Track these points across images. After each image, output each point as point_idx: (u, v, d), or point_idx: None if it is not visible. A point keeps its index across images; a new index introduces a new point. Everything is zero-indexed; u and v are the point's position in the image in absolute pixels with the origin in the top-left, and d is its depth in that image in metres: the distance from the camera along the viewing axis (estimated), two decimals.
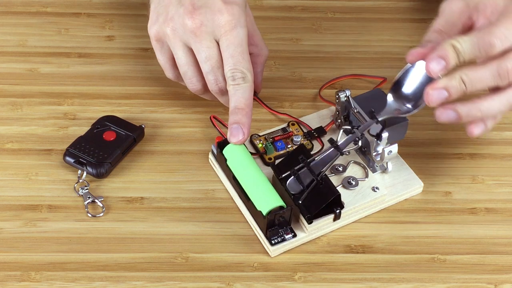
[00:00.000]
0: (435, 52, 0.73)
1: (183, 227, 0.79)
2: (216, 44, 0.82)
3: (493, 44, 0.72)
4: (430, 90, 0.74)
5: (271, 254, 0.77)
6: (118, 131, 0.85)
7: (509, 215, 0.82)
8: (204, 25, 0.81)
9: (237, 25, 0.81)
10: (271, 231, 0.77)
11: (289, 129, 0.86)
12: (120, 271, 0.76)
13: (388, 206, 0.82)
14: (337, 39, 0.99)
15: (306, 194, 0.77)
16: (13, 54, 0.94)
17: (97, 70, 0.93)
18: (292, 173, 0.78)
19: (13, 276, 0.75)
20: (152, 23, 0.84)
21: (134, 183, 0.83)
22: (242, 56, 0.81)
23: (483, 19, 0.78)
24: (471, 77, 0.73)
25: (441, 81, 0.73)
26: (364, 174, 0.82)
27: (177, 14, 0.82)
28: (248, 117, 0.81)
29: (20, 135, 0.86)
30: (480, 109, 0.74)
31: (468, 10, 0.78)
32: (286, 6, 1.03)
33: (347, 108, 0.84)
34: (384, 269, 0.77)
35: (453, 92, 0.73)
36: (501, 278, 0.77)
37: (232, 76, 0.81)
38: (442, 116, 0.75)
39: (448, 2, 0.79)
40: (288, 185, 0.78)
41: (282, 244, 0.77)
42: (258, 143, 0.85)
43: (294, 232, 0.77)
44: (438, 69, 0.73)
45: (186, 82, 0.85)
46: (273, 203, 0.76)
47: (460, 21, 0.78)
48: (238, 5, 0.81)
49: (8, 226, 0.79)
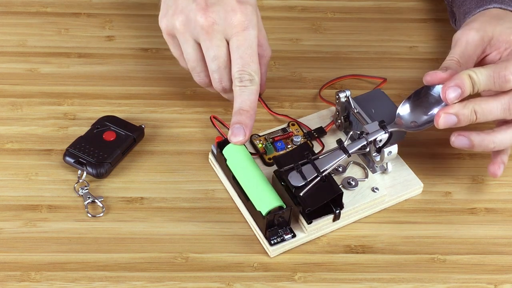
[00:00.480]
0: (453, 80, 0.76)
1: (183, 227, 0.79)
2: (226, 43, 0.82)
3: (509, 80, 0.76)
4: (442, 113, 0.76)
5: (270, 254, 0.77)
6: (118, 131, 0.85)
7: (509, 215, 0.82)
8: (217, 24, 0.81)
9: (249, 26, 0.81)
10: (270, 231, 0.77)
11: (289, 129, 0.86)
12: (120, 271, 0.76)
13: (388, 206, 0.82)
14: (337, 39, 0.99)
15: (308, 188, 0.76)
16: (13, 54, 0.94)
17: (97, 70, 0.93)
18: (295, 167, 0.78)
19: (13, 276, 0.75)
20: (162, 15, 0.84)
21: (134, 183, 0.83)
22: (252, 58, 0.81)
23: (496, 53, 0.81)
24: (483, 108, 0.76)
25: (454, 107, 0.76)
26: (364, 174, 0.82)
27: (188, 8, 0.82)
28: (252, 119, 0.81)
29: (20, 135, 0.86)
30: (493, 141, 0.78)
31: (482, 43, 0.81)
32: (286, 6, 1.03)
33: (347, 109, 0.84)
34: (384, 269, 0.77)
35: (463, 120, 0.77)
36: (501, 278, 0.77)
37: (239, 77, 0.81)
38: (456, 141, 0.78)
39: (463, 33, 0.82)
40: (289, 178, 0.77)
41: (281, 244, 0.77)
42: (258, 143, 0.85)
43: (293, 232, 0.77)
44: (454, 96, 0.76)
45: (193, 75, 0.86)
46: (273, 203, 0.76)
47: (475, 54, 0.81)
48: (251, 5, 0.81)
49: (8, 226, 0.79)
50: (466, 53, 0.81)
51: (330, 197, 0.77)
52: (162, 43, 0.96)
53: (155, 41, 0.97)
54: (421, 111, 0.81)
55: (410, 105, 0.81)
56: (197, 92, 0.92)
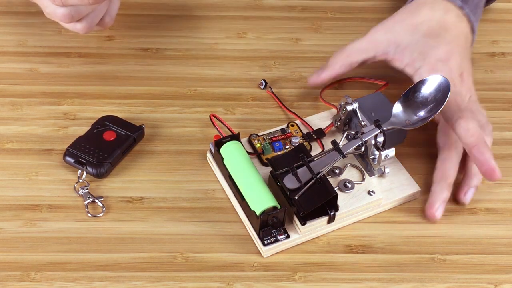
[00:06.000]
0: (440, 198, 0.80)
1: (183, 227, 0.79)
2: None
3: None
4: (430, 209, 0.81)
5: (263, 255, 0.77)
6: (118, 131, 0.85)
7: (509, 215, 0.82)
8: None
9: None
10: (264, 231, 0.77)
11: (288, 130, 0.86)
12: (120, 271, 0.76)
13: (384, 210, 0.82)
14: (337, 39, 0.99)
15: (303, 190, 0.77)
16: (13, 54, 0.94)
17: (97, 70, 0.93)
18: (290, 170, 0.78)
19: (13, 276, 0.75)
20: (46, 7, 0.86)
21: (134, 183, 0.83)
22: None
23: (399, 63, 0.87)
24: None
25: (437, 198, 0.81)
26: (360, 177, 0.82)
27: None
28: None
29: (20, 135, 0.86)
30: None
31: (386, 53, 0.87)
32: (286, 6, 1.03)
33: (351, 116, 0.84)
34: (384, 269, 0.77)
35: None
36: (501, 278, 0.77)
37: None
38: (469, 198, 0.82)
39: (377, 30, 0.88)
40: (284, 181, 0.77)
41: (275, 245, 0.77)
42: (257, 143, 0.85)
43: (287, 233, 0.77)
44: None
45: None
46: (267, 203, 0.76)
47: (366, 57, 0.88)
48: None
49: (8, 226, 0.79)
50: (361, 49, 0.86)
51: (325, 199, 0.76)
52: (162, 43, 0.97)
53: (155, 41, 0.97)
54: (414, 108, 0.81)
55: (404, 103, 0.81)
56: (197, 92, 0.92)
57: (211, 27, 0.99)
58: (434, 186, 0.80)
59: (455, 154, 0.81)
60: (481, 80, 0.94)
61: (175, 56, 0.95)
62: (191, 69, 0.94)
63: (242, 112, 0.90)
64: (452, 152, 0.81)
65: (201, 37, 0.98)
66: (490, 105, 0.91)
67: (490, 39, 1.00)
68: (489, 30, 1.00)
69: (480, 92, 0.88)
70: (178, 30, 0.98)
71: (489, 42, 0.99)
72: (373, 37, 0.87)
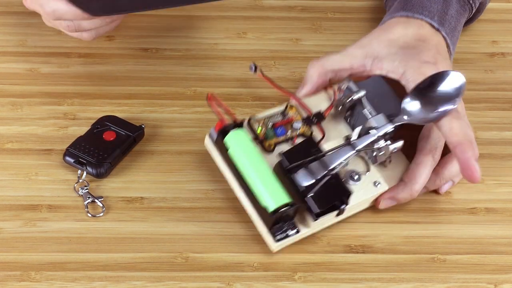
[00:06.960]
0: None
1: (183, 227, 0.79)
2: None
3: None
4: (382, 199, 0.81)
5: (273, 250, 0.77)
6: (118, 131, 0.85)
7: (509, 215, 0.82)
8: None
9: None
10: (275, 227, 0.76)
11: (288, 113, 0.84)
12: (120, 271, 0.76)
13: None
14: (337, 39, 0.99)
15: (317, 189, 0.76)
16: (13, 54, 0.94)
17: (97, 70, 0.93)
18: (303, 165, 0.76)
19: (13, 276, 0.75)
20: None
21: (134, 183, 0.83)
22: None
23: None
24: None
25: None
26: (365, 167, 0.81)
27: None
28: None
29: (20, 135, 0.86)
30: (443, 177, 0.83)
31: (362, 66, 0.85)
32: (286, 6, 1.03)
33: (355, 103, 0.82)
34: (384, 269, 0.77)
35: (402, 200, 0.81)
36: (501, 278, 0.77)
37: None
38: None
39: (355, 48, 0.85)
40: (297, 177, 0.76)
41: (285, 240, 0.77)
42: (257, 128, 0.83)
43: (297, 227, 0.77)
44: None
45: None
46: (282, 200, 0.75)
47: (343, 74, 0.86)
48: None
49: (8, 226, 0.79)
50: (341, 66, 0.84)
51: (339, 198, 0.76)
52: (162, 43, 0.96)
53: (155, 41, 0.97)
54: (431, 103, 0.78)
55: (417, 97, 0.79)
56: (197, 92, 0.92)
57: (211, 27, 0.99)
58: (398, 184, 0.80)
59: (430, 160, 0.80)
60: (481, 80, 0.94)
61: (175, 56, 0.95)
62: (191, 69, 0.94)
63: (242, 112, 0.90)
64: (428, 157, 0.80)
65: (201, 37, 0.98)
66: (490, 105, 0.91)
67: (490, 39, 1.00)
68: (489, 30, 1.01)
69: (480, 92, 0.88)
70: (178, 30, 0.98)
71: (489, 42, 0.99)
72: (348, 51, 0.85)
